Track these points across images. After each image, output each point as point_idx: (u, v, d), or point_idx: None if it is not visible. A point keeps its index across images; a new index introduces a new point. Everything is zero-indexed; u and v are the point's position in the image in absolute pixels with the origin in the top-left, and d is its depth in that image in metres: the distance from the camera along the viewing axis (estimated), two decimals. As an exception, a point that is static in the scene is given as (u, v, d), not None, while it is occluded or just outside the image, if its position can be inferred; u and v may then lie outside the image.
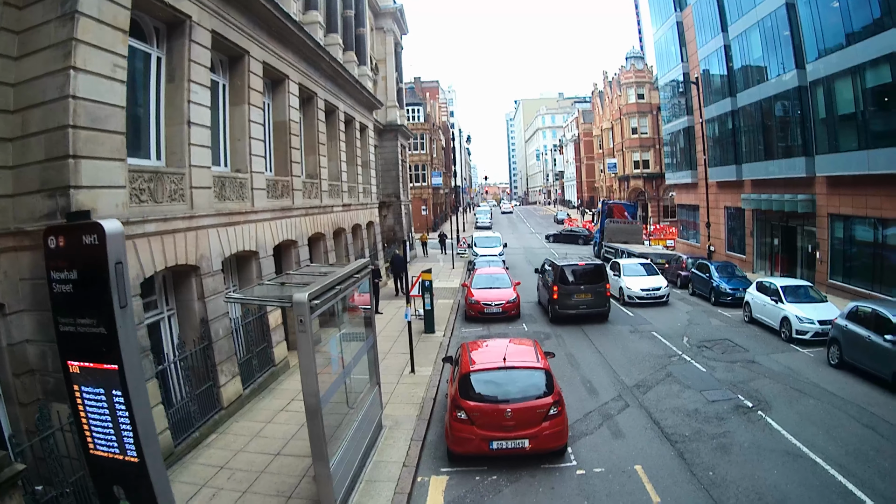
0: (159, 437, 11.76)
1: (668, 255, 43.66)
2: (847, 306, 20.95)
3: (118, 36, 11.81)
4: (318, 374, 10.50)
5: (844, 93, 30.69)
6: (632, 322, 28.29)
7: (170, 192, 14.17)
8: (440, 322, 28.18)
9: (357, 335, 14.91)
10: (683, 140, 55.56)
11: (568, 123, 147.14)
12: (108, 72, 11.48)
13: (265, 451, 14.28)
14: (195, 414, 14.78)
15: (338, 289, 11.98)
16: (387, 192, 48.99)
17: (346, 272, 12.97)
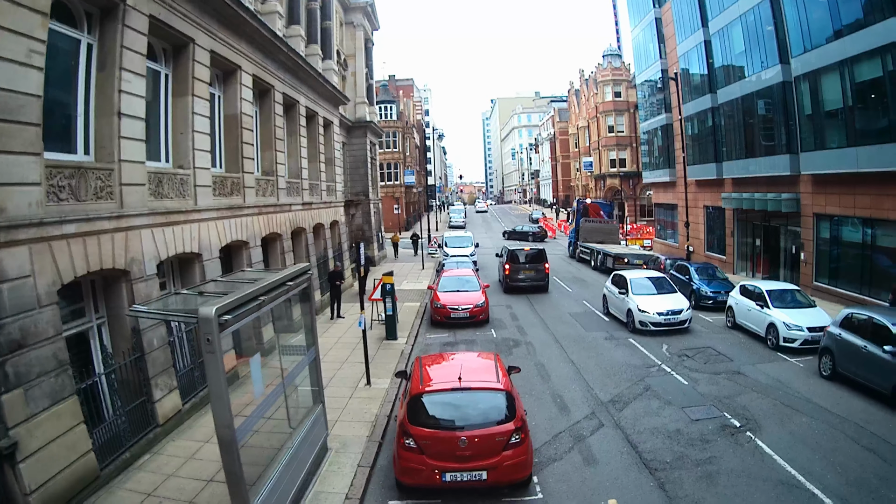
0: (81, 461, 11.28)
1: (644, 256, 42.12)
2: (840, 313, 19.31)
3: (37, 19, 10.74)
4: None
5: (831, 88, 29.28)
6: (607, 328, 26.59)
7: (95, 189, 12.97)
8: (404, 327, 26.62)
9: (296, 348, 13.30)
10: (661, 138, 54.11)
11: (544, 122, 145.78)
12: (23, 58, 10.46)
13: (198, 475, 12.76)
14: (126, 432, 13.40)
15: (261, 300, 10.27)
16: (355, 190, 47.48)
17: (272, 281, 11.19)
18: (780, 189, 34.33)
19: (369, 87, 51.39)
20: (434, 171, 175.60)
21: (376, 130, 52.47)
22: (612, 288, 28.33)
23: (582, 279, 41.15)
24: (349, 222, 45.21)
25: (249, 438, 9.84)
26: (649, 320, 24.96)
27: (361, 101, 47.61)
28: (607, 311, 28.47)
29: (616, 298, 27.57)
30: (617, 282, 28.24)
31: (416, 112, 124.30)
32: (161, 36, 16.44)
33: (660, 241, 56.77)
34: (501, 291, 36.23)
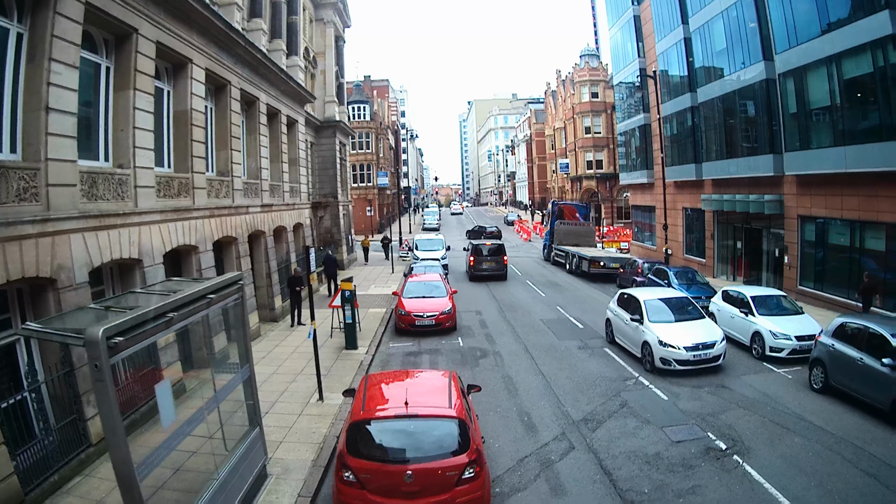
0: (1, 486, 10.27)
1: (622, 259, 40.69)
2: (833, 322, 17.84)
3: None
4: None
5: (818, 85, 27.98)
6: (581, 335, 25.00)
7: (17, 190, 11.90)
8: (367, 335, 25.20)
9: (224, 367, 11.84)
10: (639, 138, 52.73)
11: (520, 123, 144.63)
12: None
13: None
14: (54, 453, 12.21)
15: (170, 317, 8.81)
16: (323, 191, 45.99)
17: (187, 295, 9.63)
18: (763, 190, 33.02)
19: (340, 85, 50.10)
20: (410, 173, 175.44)
21: (346, 130, 50.92)
22: (621, 312, 22.59)
23: (556, 283, 39.62)
24: (317, 224, 44.10)
25: (162, 472, 8.83)
26: (675, 357, 19.06)
27: (331, 100, 46.20)
28: (612, 340, 23.30)
29: (626, 326, 21.81)
30: (626, 304, 22.51)
31: (391, 113, 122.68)
32: (101, 25, 15.19)
33: (637, 244, 55.41)
34: (467, 280, 41.36)
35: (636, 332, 20.83)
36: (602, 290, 36.51)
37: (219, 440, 10.81)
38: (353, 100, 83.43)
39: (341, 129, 48.19)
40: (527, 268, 47.61)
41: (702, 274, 32.63)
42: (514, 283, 40.12)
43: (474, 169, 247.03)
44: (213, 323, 11.58)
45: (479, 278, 41.36)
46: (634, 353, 21.01)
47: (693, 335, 19.53)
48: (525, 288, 37.39)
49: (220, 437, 10.91)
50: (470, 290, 37.64)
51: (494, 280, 40.91)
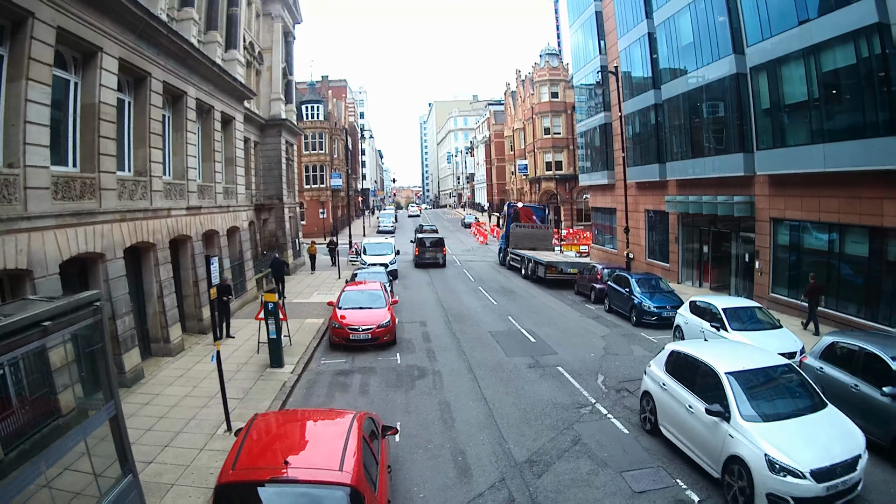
0: None
1: (580, 264, 38.32)
2: (821, 342, 15.45)
3: None
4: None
5: (794, 79, 25.73)
6: (532, 351, 22.30)
7: None
8: (297, 349, 22.55)
9: (83, 403, 9.31)
10: (599, 138, 50.38)
11: (479, 125, 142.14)
12: None
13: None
14: None
15: None
16: (268, 193, 43.14)
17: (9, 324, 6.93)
18: (732, 191, 30.85)
19: (288, 83, 47.75)
20: (369, 175, 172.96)
21: (294, 129, 48.11)
22: (674, 387, 13.46)
23: (510, 290, 37.02)
24: (261, 228, 41.62)
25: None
26: (798, 494, 10.08)
27: (277, 98, 43.41)
28: (653, 426, 14.09)
29: (686, 414, 12.71)
30: (684, 372, 13.50)
31: (348, 114, 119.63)
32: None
33: (597, 248, 53.07)
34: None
35: (710, 431, 11.79)
36: (558, 297, 34.14)
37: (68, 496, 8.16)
38: (307, 99, 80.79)
39: (288, 128, 45.45)
40: (481, 273, 45.09)
41: (666, 281, 30.24)
42: (466, 289, 37.65)
43: (434, 171, 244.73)
44: (57, 354, 8.80)
45: (422, 265, 49.15)
46: (701, 459, 12.17)
47: (822, 441, 10.87)
48: (476, 295, 34.90)
49: (72, 491, 8.31)
50: (417, 294, 35.63)
51: (435, 268, 48.32)
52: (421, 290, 37.07)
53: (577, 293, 35.16)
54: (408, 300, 33.09)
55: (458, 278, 42.14)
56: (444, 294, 35.49)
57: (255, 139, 40.34)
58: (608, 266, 34.67)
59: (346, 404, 16.85)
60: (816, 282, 24.12)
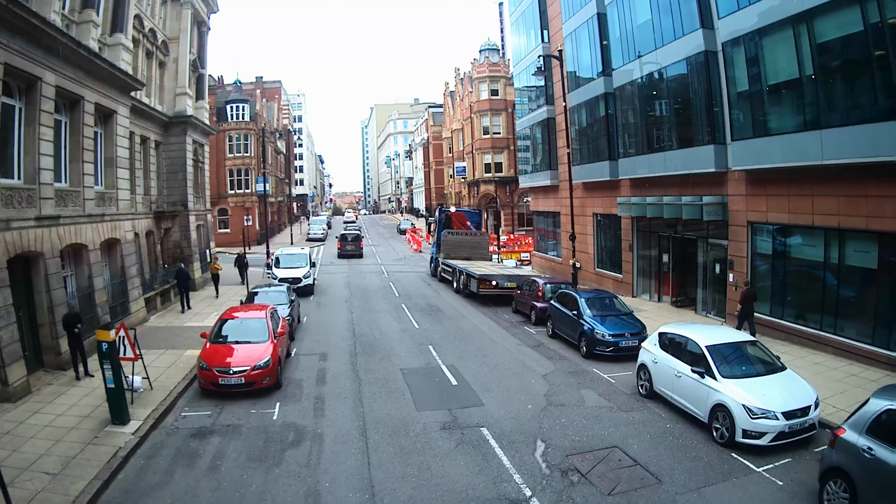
0: None
1: (519, 278, 33.04)
2: (870, 406, 10.31)
3: None
4: None
5: (780, 53, 20.92)
6: (451, 401, 16.89)
7: None
8: (156, 396, 17.39)
9: None
10: (542, 135, 45.35)
11: (418, 127, 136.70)
12: None
13: None
14: None
15: None
16: (171, 199, 37.47)
17: None
18: (700, 191, 26.06)
19: (200, 77, 42.23)
20: (308, 180, 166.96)
21: (204, 128, 42.16)
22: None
23: (437, 308, 31.66)
24: (163, 239, 36.37)
25: None
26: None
27: (183, 93, 37.69)
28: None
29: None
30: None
31: (282, 116, 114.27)
32: None
33: (540, 255, 48.03)
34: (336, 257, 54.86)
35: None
36: (493, 317, 29.05)
37: None
38: (232, 99, 74.52)
39: (196, 126, 39.72)
40: (408, 286, 39.62)
41: (621, 300, 25.02)
42: (387, 307, 32.19)
43: (375, 176, 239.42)
44: None
45: (344, 256, 59.32)
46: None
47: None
48: (397, 315, 29.56)
49: None
50: (329, 314, 30.52)
51: (356, 258, 58.48)
52: (335, 309, 31.66)
53: (515, 311, 30.04)
54: (316, 322, 27.73)
55: (382, 293, 36.76)
56: (361, 314, 30.09)
57: (155, 138, 35.16)
58: (551, 280, 29.51)
59: (184, 492, 11.84)
60: (750, 288, 22.61)
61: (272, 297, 25.73)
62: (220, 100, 73.68)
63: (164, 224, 36.15)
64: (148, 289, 30.62)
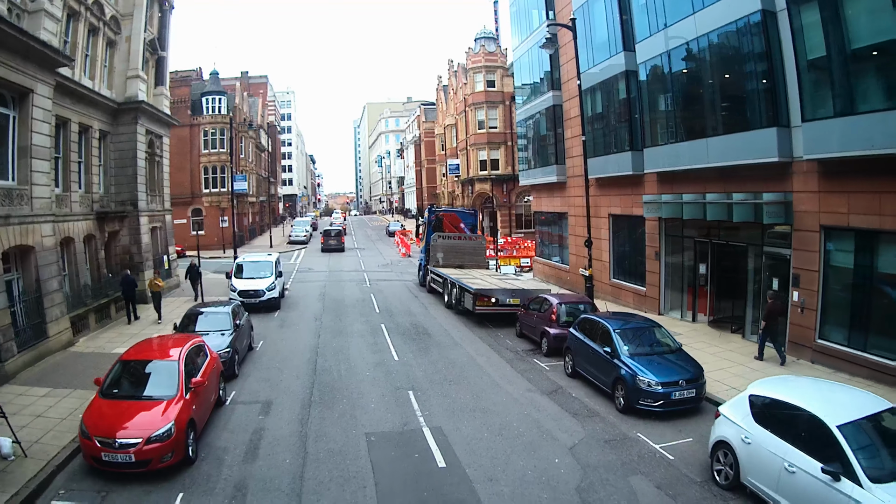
0: None
1: (523, 292, 27.28)
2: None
3: None
4: None
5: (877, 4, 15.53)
6: (435, 499, 11.33)
7: None
8: (29, 468, 12.27)
9: None
10: (546, 125, 39.86)
11: (409, 124, 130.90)
12: None
13: None
14: None
15: None
16: (120, 198, 32.35)
17: None
18: (751, 186, 20.70)
19: (160, 60, 37.30)
20: (297, 180, 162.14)
21: (161, 118, 36.56)
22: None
23: (424, 331, 25.91)
24: (109, 244, 31.45)
25: None
26: None
27: (135, 75, 32.41)
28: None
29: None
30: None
31: (268, 112, 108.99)
32: None
33: (543, 262, 42.41)
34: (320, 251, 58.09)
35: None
36: (492, 343, 23.53)
37: None
38: (208, 91, 68.31)
39: (150, 114, 34.31)
40: (392, 299, 33.97)
41: (664, 329, 18.90)
42: (363, 328, 26.41)
43: (366, 176, 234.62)
44: None
45: (327, 250, 62.57)
46: None
47: None
48: (374, 340, 23.96)
49: None
50: (292, 338, 24.76)
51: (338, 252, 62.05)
52: (300, 331, 26.05)
53: (520, 335, 24.45)
54: (272, 349, 22.33)
55: (360, 308, 31.16)
56: (330, 338, 24.45)
57: (101, 127, 30.32)
58: (567, 300, 23.73)
59: None
60: (777, 301, 19.33)
61: (212, 322, 20.42)
62: (195, 92, 67.83)
63: (109, 227, 30.99)
64: (78, 304, 25.47)
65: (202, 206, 65.29)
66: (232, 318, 20.65)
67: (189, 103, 65.35)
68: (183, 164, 64.09)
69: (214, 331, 19.55)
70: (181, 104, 64.30)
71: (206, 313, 21.27)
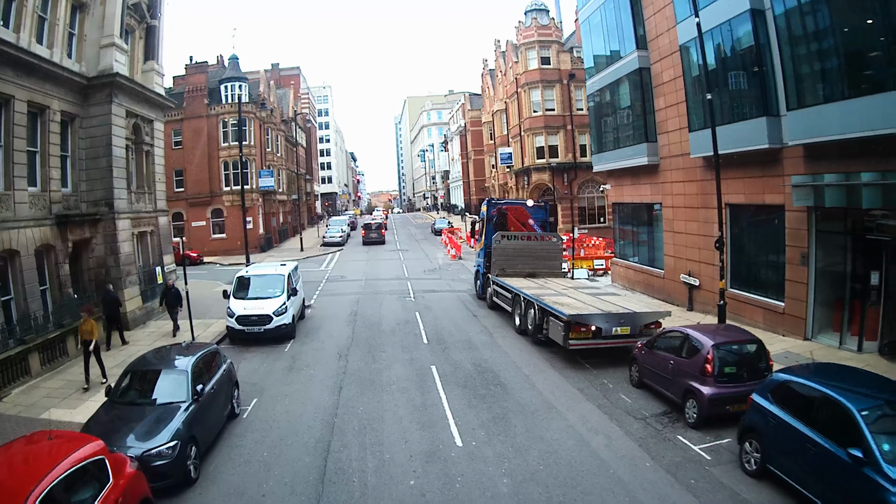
0: None
1: (633, 317, 19.45)
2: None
3: None
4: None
5: None
6: None
7: None
8: None
9: None
10: (630, 94, 31.91)
11: (453, 113, 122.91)
12: None
13: None
14: None
15: None
16: (92, 197, 25.67)
17: None
18: None
19: (150, 29, 30.56)
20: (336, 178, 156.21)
21: (150, 98, 29.59)
22: None
23: (495, 378, 18.18)
24: (81, 255, 25.48)
25: None
26: None
27: (109, 43, 25.89)
28: None
29: None
30: None
31: (302, 105, 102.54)
32: None
33: (624, 264, 34.59)
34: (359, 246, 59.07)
35: None
36: (604, 404, 15.86)
37: None
38: (228, 77, 61.04)
39: (131, 91, 27.52)
40: (444, 320, 26.60)
41: None
42: (405, 373, 18.97)
43: (408, 172, 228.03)
44: None
45: (368, 243, 64.01)
46: None
47: None
48: (421, 399, 16.38)
49: None
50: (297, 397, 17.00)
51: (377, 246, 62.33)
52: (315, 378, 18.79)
53: (638, 385, 16.75)
54: (264, 419, 15.18)
55: (402, 336, 23.79)
56: (356, 395, 16.93)
57: (65, 108, 24.04)
58: (721, 336, 15.34)
59: None
60: None
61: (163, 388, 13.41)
62: (212, 79, 60.65)
63: (75, 234, 24.02)
64: (15, 341, 19.13)
65: (223, 205, 58.08)
66: (190, 383, 13.14)
67: (206, 91, 58.49)
68: (200, 160, 57.77)
69: (163, 403, 12.47)
70: (197, 93, 58.05)
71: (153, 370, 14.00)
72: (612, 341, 18.89)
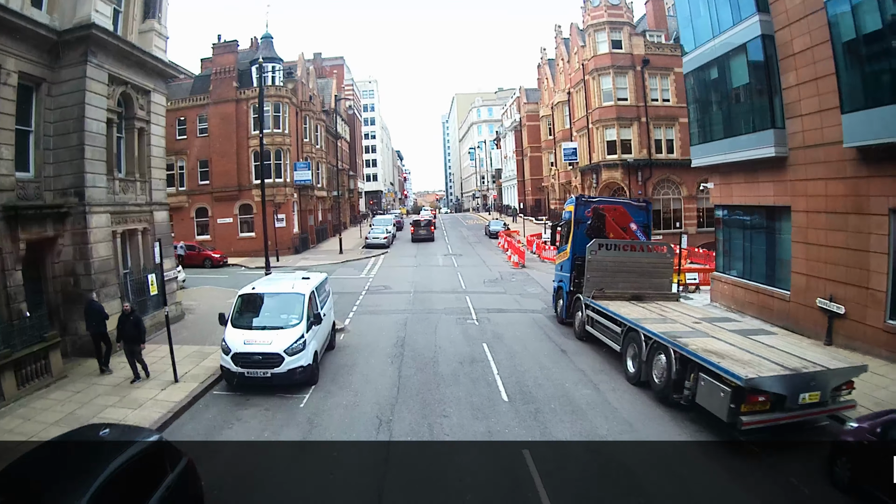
0: None
1: (826, 375, 12.81)
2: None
3: None
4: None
5: None
6: None
7: None
8: None
9: None
10: (745, 70, 25.88)
11: (507, 108, 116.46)
12: None
13: None
14: None
15: None
16: (60, 184, 20.57)
17: None
18: None
19: None
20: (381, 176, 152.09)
21: (145, 62, 24.16)
22: None
23: (635, 484, 11.57)
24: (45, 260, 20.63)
25: None
26: None
27: None
28: None
29: None
30: None
31: (346, 95, 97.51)
32: None
33: (729, 281, 28.20)
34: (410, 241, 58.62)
35: None
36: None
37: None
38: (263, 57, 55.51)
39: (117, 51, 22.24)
40: (524, 359, 20.13)
41: None
42: (479, 461, 12.91)
43: (457, 171, 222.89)
44: None
45: (417, 240, 65.31)
46: None
47: None
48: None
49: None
50: None
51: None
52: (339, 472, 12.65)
53: (847, 487, 10.60)
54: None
55: (468, 386, 17.46)
56: None
57: (23, 69, 19.05)
58: None
59: None
60: None
61: None
62: (242, 60, 54.96)
63: (31, 232, 18.93)
64: None
65: (252, 201, 52.73)
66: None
67: (235, 74, 53.50)
68: (227, 149, 52.83)
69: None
70: (225, 75, 53.34)
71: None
72: (796, 415, 12.69)
